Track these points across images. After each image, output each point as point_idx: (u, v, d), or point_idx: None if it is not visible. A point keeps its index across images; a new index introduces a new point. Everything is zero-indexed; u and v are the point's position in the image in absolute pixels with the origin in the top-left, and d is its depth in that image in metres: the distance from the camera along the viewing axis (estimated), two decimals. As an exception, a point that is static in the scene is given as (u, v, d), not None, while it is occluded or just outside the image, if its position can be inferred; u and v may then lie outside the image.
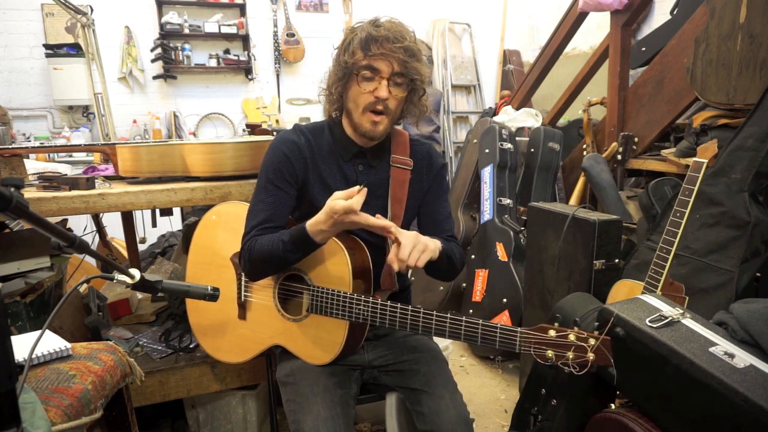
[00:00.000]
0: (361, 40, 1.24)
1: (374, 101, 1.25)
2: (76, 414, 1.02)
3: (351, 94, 1.29)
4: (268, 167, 1.32)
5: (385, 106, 1.26)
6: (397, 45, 1.22)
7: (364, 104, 1.26)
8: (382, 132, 1.30)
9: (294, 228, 1.23)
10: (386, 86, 1.24)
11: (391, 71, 1.24)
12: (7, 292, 1.57)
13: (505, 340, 1.12)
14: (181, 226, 3.21)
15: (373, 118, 1.27)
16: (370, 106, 1.26)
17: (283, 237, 1.23)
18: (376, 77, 1.24)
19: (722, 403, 1.00)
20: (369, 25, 1.26)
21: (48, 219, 0.76)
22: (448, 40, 5.17)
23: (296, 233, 1.21)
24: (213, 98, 4.81)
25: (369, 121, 1.27)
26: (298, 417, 1.23)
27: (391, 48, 1.22)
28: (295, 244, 1.21)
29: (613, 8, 2.77)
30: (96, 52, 3.02)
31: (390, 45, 1.22)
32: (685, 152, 2.31)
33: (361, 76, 1.25)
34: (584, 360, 1.05)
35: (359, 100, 1.27)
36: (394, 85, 1.26)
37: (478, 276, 2.79)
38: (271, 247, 1.23)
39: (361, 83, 1.25)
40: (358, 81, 1.26)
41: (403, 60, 1.23)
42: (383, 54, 1.23)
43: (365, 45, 1.23)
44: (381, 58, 1.23)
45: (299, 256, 1.25)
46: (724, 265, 1.81)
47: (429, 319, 1.18)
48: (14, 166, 1.67)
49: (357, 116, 1.29)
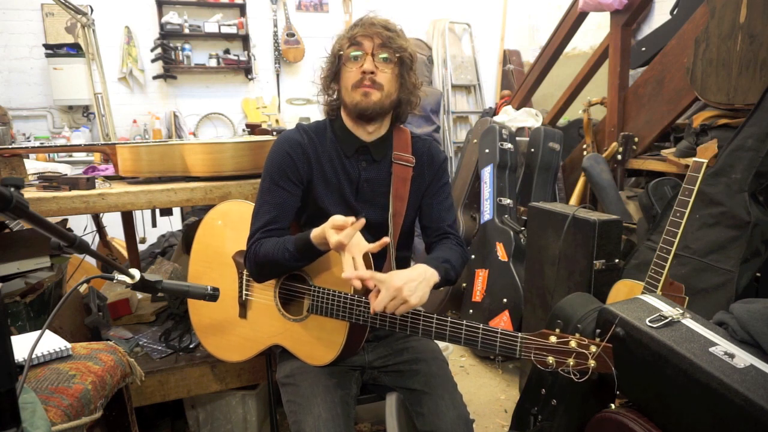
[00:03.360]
0: (346, 30, 1.32)
1: (361, 77, 1.27)
2: (76, 414, 1.02)
3: (342, 80, 1.31)
4: (272, 167, 1.32)
5: (373, 80, 1.27)
6: (377, 22, 1.28)
7: (353, 82, 1.28)
8: (376, 102, 1.28)
9: (299, 236, 1.23)
10: (371, 60, 1.27)
11: (373, 45, 1.27)
12: (7, 292, 1.57)
13: (505, 345, 1.12)
14: (181, 226, 3.21)
15: (362, 89, 1.28)
16: (358, 83, 1.27)
17: (287, 245, 1.23)
18: (360, 56, 1.27)
19: (722, 403, 1.00)
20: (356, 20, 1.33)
21: (48, 219, 0.76)
22: (448, 40, 5.17)
23: (301, 242, 1.21)
24: (213, 98, 4.81)
25: (360, 94, 1.28)
26: (298, 417, 1.22)
27: (371, 24, 1.28)
28: (300, 252, 1.22)
29: (613, 8, 2.77)
30: (96, 52, 3.02)
31: (371, 25, 1.28)
32: (685, 152, 2.31)
33: (346, 57, 1.29)
34: (585, 367, 1.05)
35: (348, 81, 1.29)
36: (380, 61, 1.28)
37: (478, 276, 2.79)
38: (276, 253, 1.23)
39: (346, 63, 1.29)
40: (344, 62, 1.29)
41: (385, 35, 1.27)
42: (365, 33, 1.27)
43: (348, 30, 1.31)
44: (363, 35, 1.27)
45: (304, 263, 1.26)
46: (724, 265, 1.81)
47: (429, 322, 1.18)
48: (14, 166, 1.67)
49: (347, 96, 1.30)
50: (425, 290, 1.16)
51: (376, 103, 1.28)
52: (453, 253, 1.35)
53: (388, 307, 1.13)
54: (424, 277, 1.18)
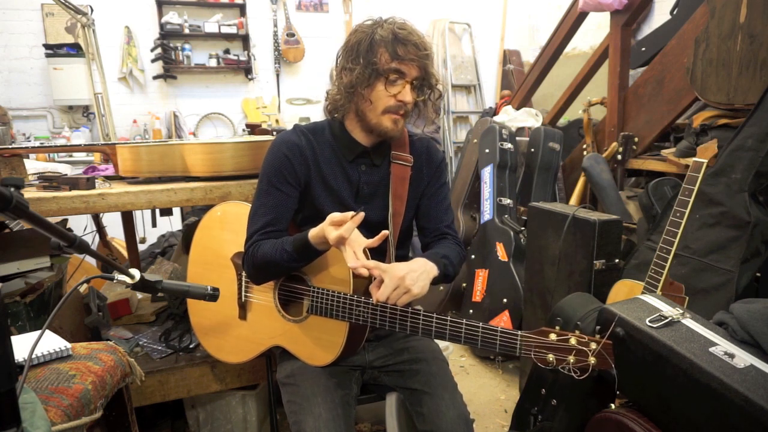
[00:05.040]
0: (387, 41, 1.22)
1: (397, 105, 1.26)
2: (76, 414, 1.02)
3: (372, 95, 1.26)
4: (269, 169, 1.31)
5: (406, 110, 1.28)
6: (422, 52, 1.24)
7: (385, 106, 1.26)
8: (401, 131, 1.31)
9: (297, 236, 1.23)
10: (411, 91, 1.25)
11: (415, 76, 1.25)
12: (7, 292, 1.57)
13: (505, 343, 1.12)
14: (181, 226, 3.21)
15: (394, 117, 1.27)
16: (391, 109, 1.26)
17: (285, 246, 1.23)
18: (401, 81, 1.25)
19: (722, 403, 1.00)
20: (390, 26, 1.24)
21: (48, 219, 0.76)
22: (448, 40, 5.17)
23: (299, 242, 1.21)
24: (213, 98, 4.81)
25: (390, 121, 1.27)
26: (299, 418, 1.22)
27: (417, 54, 1.23)
28: (299, 252, 1.22)
29: (613, 8, 2.77)
30: (96, 52, 3.02)
31: (417, 51, 1.23)
32: (685, 152, 2.31)
33: (389, 79, 1.24)
34: (585, 364, 1.05)
35: (380, 102, 1.26)
36: (414, 89, 1.27)
37: (478, 276, 2.79)
38: (274, 254, 1.23)
39: (387, 86, 1.25)
40: (385, 84, 1.25)
41: (424, 65, 1.25)
42: (411, 59, 1.23)
43: (392, 47, 1.22)
44: (408, 62, 1.23)
45: (302, 264, 1.26)
46: (724, 265, 1.81)
47: (429, 321, 1.18)
48: (14, 166, 1.67)
49: (374, 116, 1.28)
50: (426, 281, 1.19)
51: (401, 129, 1.31)
52: (451, 250, 1.36)
53: (391, 297, 1.14)
54: (424, 269, 1.20)
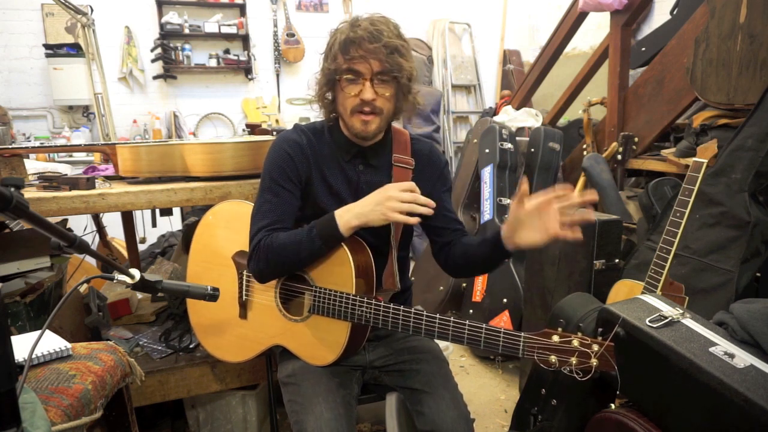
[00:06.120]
0: (341, 43, 1.23)
1: (360, 103, 1.24)
2: (76, 414, 1.02)
3: (339, 98, 1.28)
4: (272, 167, 1.31)
5: (373, 106, 1.25)
6: (375, 45, 1.19)
7: (351, 107, 1.25)
8: (375, 130, 1.28)
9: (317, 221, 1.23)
10: (370, 87, 1.23)
11: (371, 71, 1.22)
12: (7, 292, 1.57)
13: (508, 344, 1.12)
14: (181, 226, 3.21)
15: (362, 118, 1.26)
16: (357, 108, 1.25)
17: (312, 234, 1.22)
18: (359, 79, 1.23)
19: (722, 403, 1.00)
20: (348, 27, 1.24)
21: (48, 219, 0.76)
22: (448, 40, 5.17)
23: (323, 221, 1.21)
24: (213, 98, 4.81)
25: (359, 122, 1.26)
26: (300, 417, 1.22)
27: (369, 48, 1.19)
28: (321, 229, 1.21)
29: (613, 8, 2.77)
30: (96, 52, 3.02)
31: (368, 45, 1.19)
32: (685, 152, 2.31)
33: (344, 81, 1.24)
34: (587, 366, 1.05)
35: (346, 104, 1.26)
36: (379, 84, 1.24)
37: (478, 276, 2.79)
38: (295, 239, 1.22)
39: (345, 88, 1.24)
40: (342, 86, 1.25)
41: (383, 59, 1.20)
42: (362, 56, 1.20)
43: (344, 49, 1.22)
44: (360, 60, 1.21)
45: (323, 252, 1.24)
46: (724, 265, 1.81)
47: (432, 322, 1.18)
48: (14, 166, 1.67)
49: (346, 118, 1.28)
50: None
51: (376, 130, 1.28)
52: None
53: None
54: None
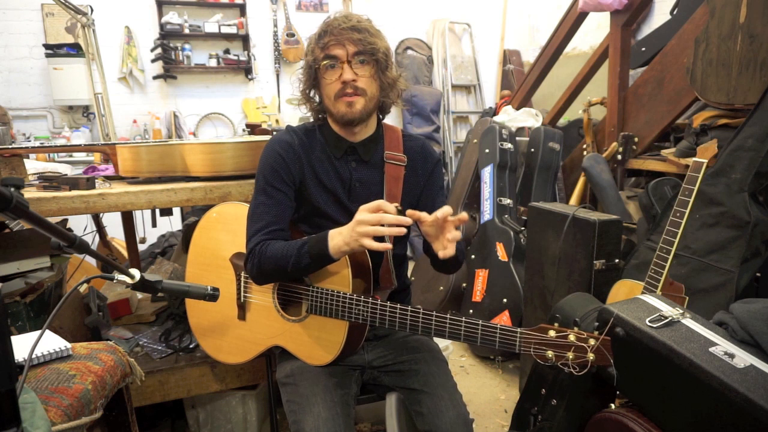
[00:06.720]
0: (316, 36, 1.29)
1: (342, 86, 1.27)
2: (76, 414, 1.02)
3: (323, 90, 1.32)
4: (265, 169, 1.33)
5: (355, 87, 1.27)
6: (345, 26, 1.25)
7: (335, 93, 1.28)
8: (361, 110, 1.29)
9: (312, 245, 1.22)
10: (349, 69, 1.26)
11: (347, 54, 1.26)
12: (7, 292, 1.57)
13: (504, 340, 1.12)
14: (181, 226, 3.21)
15: (346, 99, 1.28)
16: (340, 92, 1.28)
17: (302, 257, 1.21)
18: (337, 64, 1.27)
19: (722, 403, 1.00)
20: (321, 24, 1.30)
21: (48, 219, 0.76)
22: (448, 40, 5.17)
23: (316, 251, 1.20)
24: (213, 98, 4.81)
25: (344, 104, 1.28)
26: (298, 417, 1.23)
27: (340, 31, 1.25)
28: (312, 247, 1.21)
29: (613, 8, 2.77)
30: (96, 52, 3.02)
31: (339, 29, 1.25)
32: (685, 152, 2.31)
33: (324, 68, 1.28)
34: (584, 360, 1.05)
35: (329, 91, 1.29)
36: (357, 65, 1.27)
37: (478, 276, 2.79)
38: (286, 258, 1.22)
39: (325, 75, 1.28)
40: (322, 74, 1.29)
41: (356, 39, 1.25)
42: (336, 40, 1.25)
43: (319, 39, 1.28)
44: (335, 44, 1.26)
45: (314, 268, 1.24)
46: (724, 265, 1.81)
47: (429, 319, 1.18)
48: (14, 166, 1.67)
49: (332, 106, 1.31)
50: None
51: (362, 111, 1.30)
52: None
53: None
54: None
